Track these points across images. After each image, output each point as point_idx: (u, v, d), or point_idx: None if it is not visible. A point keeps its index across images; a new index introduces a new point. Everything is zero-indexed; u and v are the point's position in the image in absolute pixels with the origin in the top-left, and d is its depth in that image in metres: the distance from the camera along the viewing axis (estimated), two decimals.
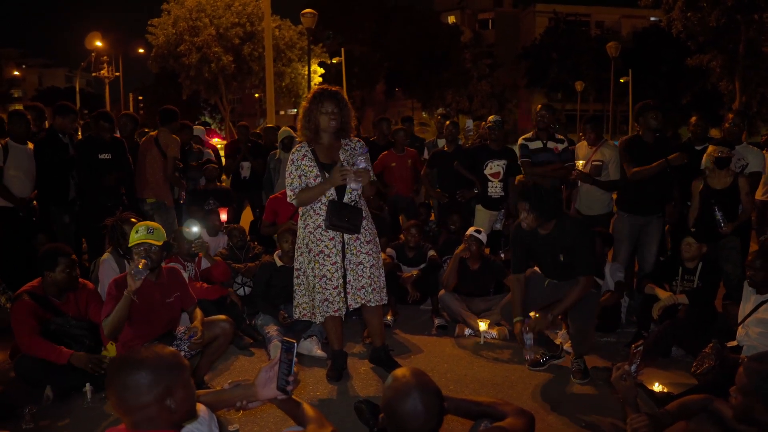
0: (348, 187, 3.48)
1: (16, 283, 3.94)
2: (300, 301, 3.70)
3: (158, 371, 1.57)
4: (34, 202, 5.09)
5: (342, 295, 3.56)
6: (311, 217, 3.56)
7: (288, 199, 3.64)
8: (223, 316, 3.73)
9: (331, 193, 3.51)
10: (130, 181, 5.61)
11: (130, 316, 3.26)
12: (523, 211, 3.54)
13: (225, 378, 3.82)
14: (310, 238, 3.57)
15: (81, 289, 3.69)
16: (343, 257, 3.55)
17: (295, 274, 3.71)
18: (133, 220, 4.14)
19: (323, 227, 3.51)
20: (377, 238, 3.74)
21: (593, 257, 3.73)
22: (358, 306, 3.63)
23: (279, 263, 4.70)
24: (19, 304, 3.46)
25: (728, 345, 3.63)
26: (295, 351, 1.88)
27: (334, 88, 3.59)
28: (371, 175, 3.54)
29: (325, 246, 3.53)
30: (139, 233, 3.39)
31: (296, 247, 3.70)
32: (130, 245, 3.42)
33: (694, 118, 5.42)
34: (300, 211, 3.66)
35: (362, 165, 3.41)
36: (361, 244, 3.57)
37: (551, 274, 3.80)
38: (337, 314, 3.59)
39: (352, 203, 3.55)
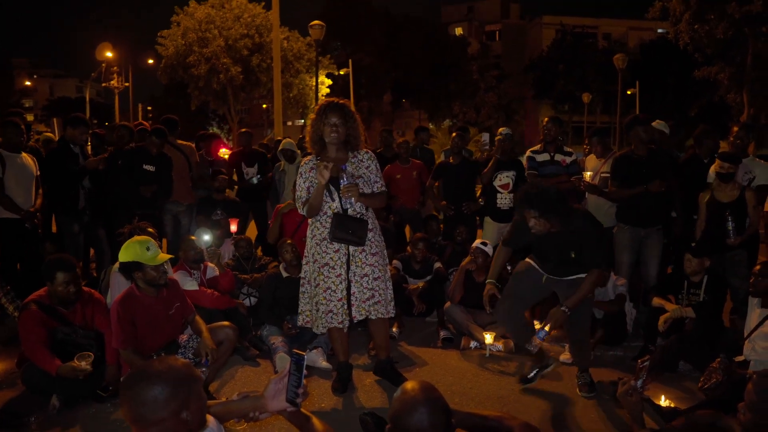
0: (344, 199, 3.51)
1: (25, 292, 3.97)
2: (303, 308, 3.74)
3: (175, 385, 1.57)
4: (38, 213, 5.09)
5: (345, 307, 3.57)
6: (318, 229, 3.59)
7: (299, 211, 3.67)
8: (226, 323, 3.76)
9: (336, 206, 3.53)
10: (165, 197, 5.81)
11: (135, 332, 3.34)
12: (531, 219, 3.40)
13: (231, 388, 3.83)
14: (317, 250, 3.59)
15: (87, 299, 3.71)
16: (348, 269, 3.56)
17: (302, 281, 3.74)
18: (150, 230, 4.18)
19: (329, 239, 3.53)
20: (385, 251, 3.74)
21: (603, 249, 3.66)
22: (362, 318, 3.63)
23: (285, 274, 4.72)
24: (27, 313, 3.49)
25: (736, 360, 3.60)
26: (304, 364, 1.90)
27: (341, 101, 3.61)
28: (359, 189, 3.47)
29: (330, 258, 3.55)
30: (151, 251, 3.38)
31: (304, 255, 3.73)
32: (150, 263, 3.37)
33: (697, 131, 5.39)
34: (309, 222, 3.69)
35: (344, 181, 3.43)
36: (367, 256, 3.57)
37: (554, 271, 3.68)
38: (340, 326, 3.60)
39: (358, 215, 3.56)
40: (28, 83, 54.43)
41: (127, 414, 1.58)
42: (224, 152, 7.92)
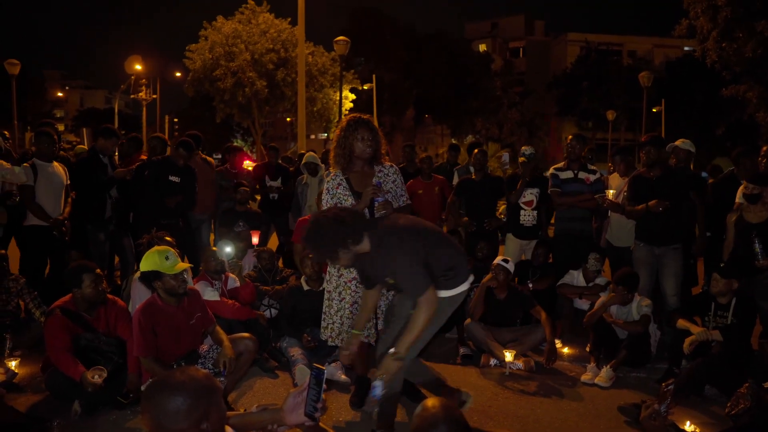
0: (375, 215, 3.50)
1: (50, 298, 4.05)
2: (329, 323, 3.72)
3: (197, 396, 1.58)
4: (66, 221, 5.20)
5: (373, 321, 3.57)
6: None
7: None
8: (246, 334, 3.78)
9: None
10: (189, 208, 5.91)
11: (156, 341, 3.39)
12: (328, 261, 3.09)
13: (249, 399, 3.84)
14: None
15: (111, 306, 3.77)
16: None
17: (326, 296, 3.73)
18: (168, 239, 4.24)
19: None
20: None
21: (418, 274, 2.85)
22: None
23: (306, 287, 4.73)
24: (52, 319, 3.57)
25: (765, 385, 3.50)
26: (324, 378, 1.90)
27: (365, 117, 3.64)
28: (391, 207, 3.45)
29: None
30: (170, 260, 3.43)
31: (327, 270, 3.73)
32: (169, 272, 3.43)
33: (735, 153, 5.29)
34: None
35: (381, 199, 3.42)
36: None
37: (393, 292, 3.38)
38: (366, 341, 3.59)
39: None
40: (59, 94, 55.86)
41: (147, 423, 1.59)
42: (248, 164, 8.02)
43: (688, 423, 3.33)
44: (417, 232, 2.98)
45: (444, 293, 2.99)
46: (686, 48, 34.58)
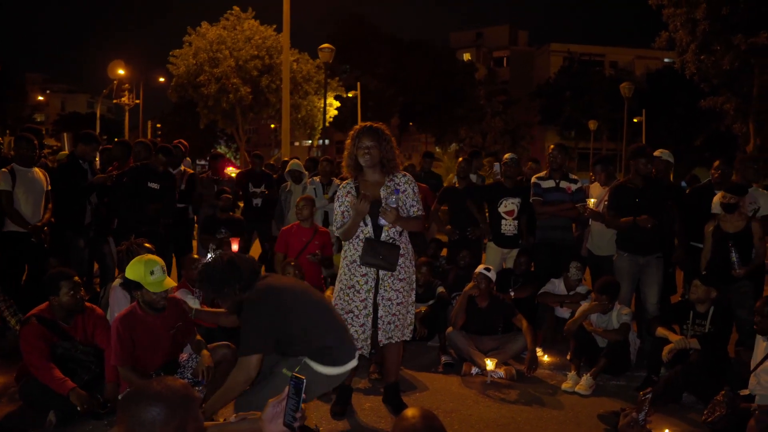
0: (378, 222, 3.51)
1: (28, 306, 3.98)
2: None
3: (173, 406, 1.56)
4: (46, 228, 5.12)
5: (366, 332, 3.55)
6: (350, 251, 3.60)
7: (335, 233, 3.70)
8: (225, 342, 3.74)
9: (369, 230, 3.52)
10: (169, 214, 5.82)
11: (134, 350, 3.35)
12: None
13: (229, 409, 3.79)
14: (345, 271, 3.61)
15: (89, 314, 3.71)
16: (376, 293, 3.54)
17: (334, 302, 3.72)
18: (147, 245, 4.19)
19: (358, 263, 3.53)
20: (413, 277, 3.72)
21: (254, 333, 2.83)
22: (386, 341, 3.61)
23: None
24: (28, 327, 3.49)
25: (741, 393, 3.55)
26: (303, 387, 1.88)
27: (375, 125, 3.60)
28: (397, 214, 3.42)
29: (357, 281, 3.55)
30: (155, 275, 3.36)
31: (337, 276, 3.73)
32: (150, 288, 3.36)
33: (716, 163, 5.38)
34: (343, 243, 3.72)
35: (393, 204, 3.40)
36: (394, 281, 3.56)
37: None
38: (361, 352, 3.55)
39: (391, 240, 3.54)
40: (40, 98, 55.11)
41: None
42: (230, 170, 7.99)
43: (666, 430, 3.36)
44: (293, 303, 2.91)
45: (320, 369, 2.89)
46: (666, 60, 35.17)
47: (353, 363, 3.03)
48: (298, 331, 2.90)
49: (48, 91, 59.41)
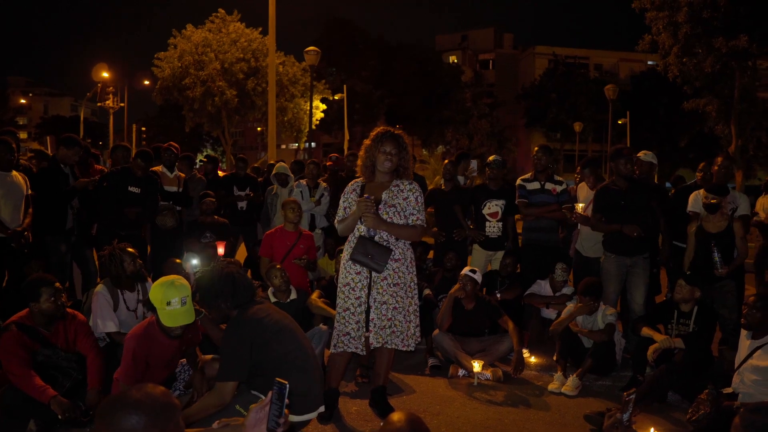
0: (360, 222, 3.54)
1: (7, 313, 3.90)
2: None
3: (154, 414, 1.53)
4: (26, 232, 5.04)
5: (362, 330, 3.57)
6: (346, 249, 3.67)
7: (335, 226, 3.75)
8: (217, 356, 3.69)
9: (364, 228, 3.56)
10: (151, 218, 5.75)
11: (148, 366, 3.29)
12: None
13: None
14: (342, 269, 3.67)
15: (70, 320, 3.64)
16: (369, 293, 3.57)
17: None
18: (130, 250, 4.14)
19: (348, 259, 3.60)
20: (412, 284, 3.70)
21: (232, 359, 2.84)
22: (379, 345, 3.60)
23: (273, 299, 4.67)
24: (8, 335, 3.42)
25: (724, 391, 3.58)
26: (287, 392, 1.86)
27: (397, 131, 3.67)
28: (376, 220, 3.46)
29: (352, 279, 3.59)
30: (171, 306, 3.15)
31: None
32: (162, 320, 3.21)
33: (702, 165, 5.43)
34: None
35: (371, 211, 3.44)
36: (388, 285, 3.56)
37: None
38: (357, 351, 3.60)
39: (385, 243, 3.55)
40: (23, 101, 54.47)
41: None
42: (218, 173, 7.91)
43: (651, 429, 3.38)
44: (273, 340, 2.86)
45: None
46: (650, 62, 35.53)
47: (311, 415, 2.98)
48: (269, 367, 2.82)
49: (31, 95, 58.74)
